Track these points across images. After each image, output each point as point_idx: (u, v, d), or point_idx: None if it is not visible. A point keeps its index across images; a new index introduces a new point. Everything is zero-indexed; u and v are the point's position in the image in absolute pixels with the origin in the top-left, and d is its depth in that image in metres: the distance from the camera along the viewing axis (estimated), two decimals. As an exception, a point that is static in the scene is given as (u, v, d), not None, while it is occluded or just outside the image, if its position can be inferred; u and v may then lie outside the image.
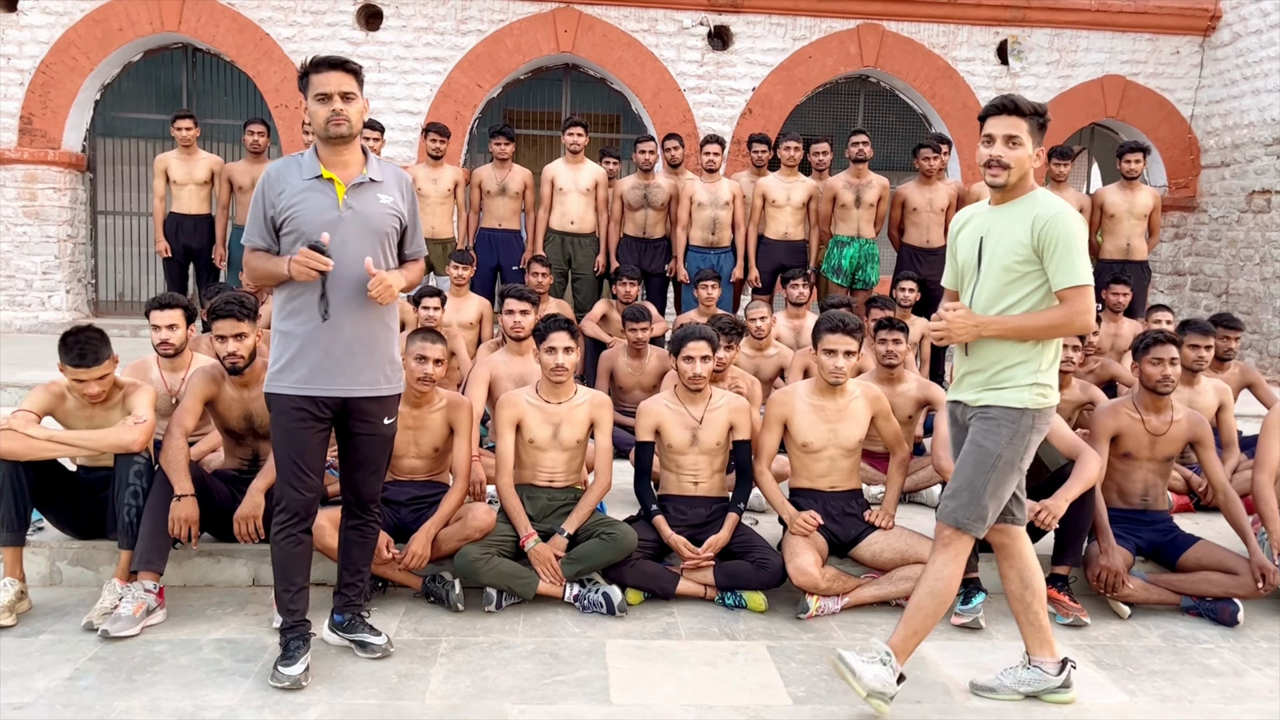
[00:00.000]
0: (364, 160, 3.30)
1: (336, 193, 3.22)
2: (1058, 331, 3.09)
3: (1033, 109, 3.08)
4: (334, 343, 3.23)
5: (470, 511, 4.06)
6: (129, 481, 3.83)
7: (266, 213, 3.22)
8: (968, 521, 3.16)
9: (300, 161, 3.26)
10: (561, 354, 4.23)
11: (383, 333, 3.35)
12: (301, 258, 3.08)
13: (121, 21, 10.02)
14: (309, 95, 3.18)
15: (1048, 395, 3.14)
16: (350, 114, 3.17)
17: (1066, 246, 3.03)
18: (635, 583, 4.10)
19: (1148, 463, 4.41)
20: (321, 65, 3.16)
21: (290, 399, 3.23)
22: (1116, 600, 4.17)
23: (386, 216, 3.31)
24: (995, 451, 3.12)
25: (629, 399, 6.43)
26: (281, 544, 3.33)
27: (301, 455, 3.27)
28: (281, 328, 3.26)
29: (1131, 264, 7.89)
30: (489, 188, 7.97)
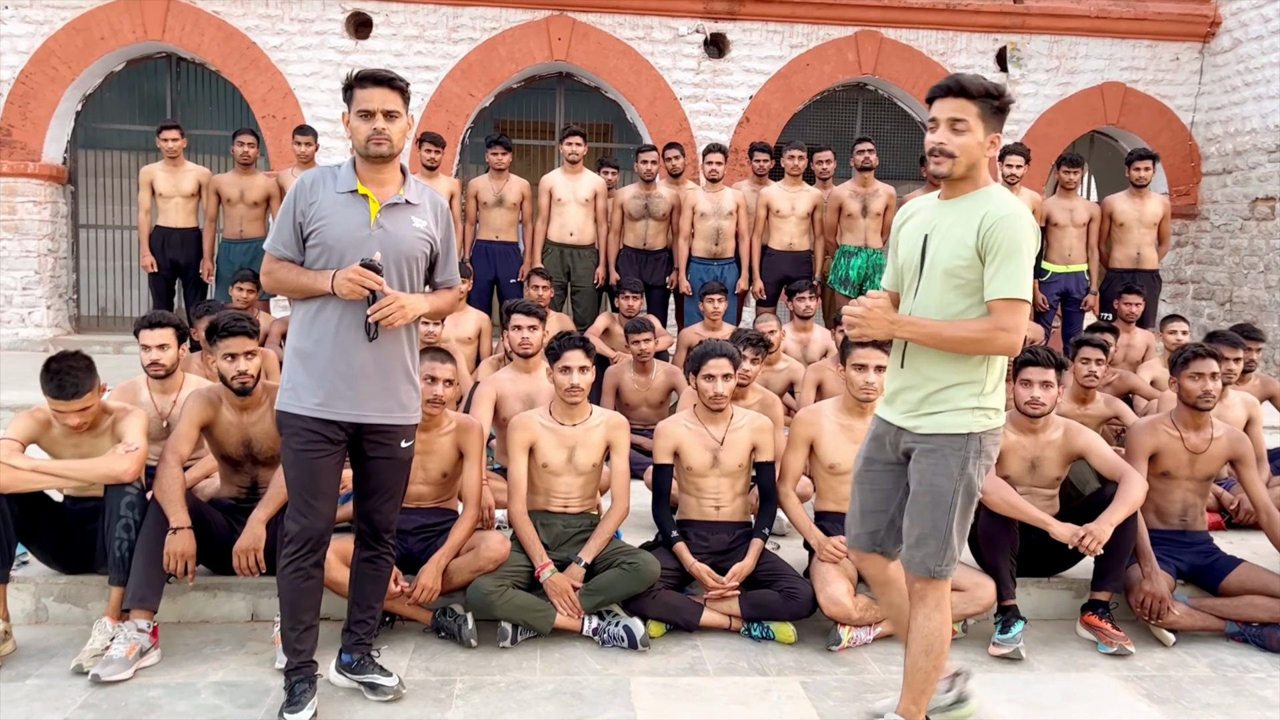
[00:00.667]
0: (402, 180, 3.14)
1: (370, 210, 3.06)
2: (975, 346, 2.73)
3: (984, 90, 2.74)
4: (350, 365, 3.04)
5: (483, 541, 3.84)
6: (120, 513, 3.60)
7: (296, 221, 3.06)
8: (940, 568, 2.87)
9: (336, 173, 3.11)
10: (577, 373, 4.02)
11: (405, 355, 3.18)
12: (355, 275, 2.92)
13: (103, 30, 9.76)
14: (351, 109, 3.03)
15: (993, 417, 2.84)
16: (393, 133, 3.02)
17: (1010, 253, 2.68)
18: (657, 614, 3.89)
19: (1187, 481, 4.24)
20: (366, 80, 3.02)
21: (305, 420, 3.04)
22: (1160, 627, 3.99)
23: (417, 240, 3.14)
24: (950, 489, 2.81)
25: (636, 415, 6.24)
26: (290, 578, 3.11)
27: (315, 481, 3.07)
28: (300, 345, 3.08)
29: (1142, 273, 7.75)
30: (485, 199, 7.76)
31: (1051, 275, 7.87)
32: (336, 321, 3.03)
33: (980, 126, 2.75)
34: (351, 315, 3.02)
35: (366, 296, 2.94)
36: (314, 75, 10.06)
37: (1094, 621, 3.96)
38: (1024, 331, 2.72)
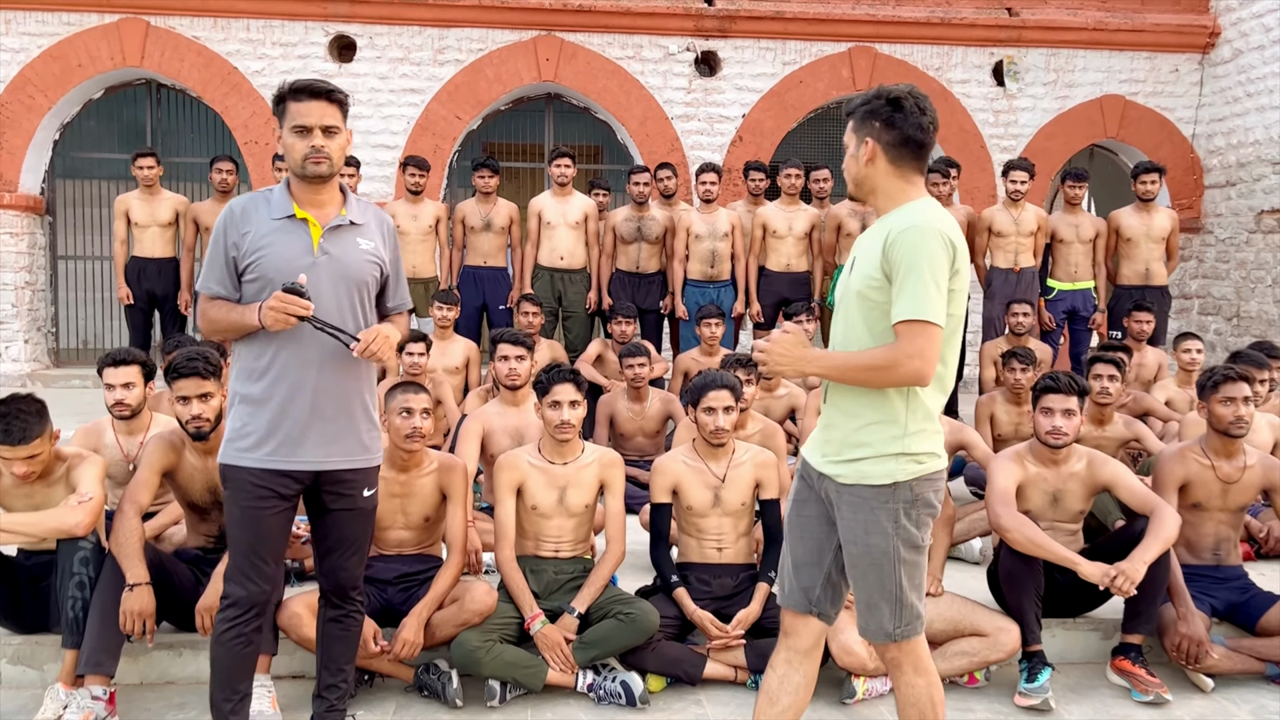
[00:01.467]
0: (343, 200, 2.87)
1: (311, 235, 2.79)
2: (879, 377, 2.42)
3: (858, 103, 2.56)
4: (302, 407, 2.77)
5: (468, 592, 3.56)
6: (73, 570, 3.33)
7: (228, 254, 2.78)
8: (902, 631, 2.58)
9: (269, 198, 2.83)
10: (567, 409, 3.75)
11: (363, 393, 2.91)
12: (277, 302, 2.65)
13: (81, 57, 9.54)
14: (285, 125, 2.76)
15: (925, 462, 2.50)
16: (332, 150, 2.75)
17: (910, 269, 2.38)
18: (657, 668, 3.62)
19: (1219, 513, 3.99)
20: (302, 93, 2.74)
21: (254, 474, 2.76)
22: (1198, 671, 3.72)
23: (366, 264, 2.88)
24: (887, 546, 2.50)
25: (631, 446, 5.99)
26: (229, 644, 2.83)
27: (263, 541, 2.80)
28: (245, 390, 2.81)
29: (1151, 289, 7.52)
30: (473, 223, 7.52)
31: (1058, 293, 7.64)
32: (287, 360, 2.76)
33: (853, 140, 2.58)
34: (305, 352, 2.76)
35: (296, 324, 2.67)
36: (297, 100, 9.83)
37: (1126, 667, 3.69)
38: (932, 358, 2.39)
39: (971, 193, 10.26)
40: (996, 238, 7.48)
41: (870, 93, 2.55)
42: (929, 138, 2.51)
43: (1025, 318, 6.74)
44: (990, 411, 5.69)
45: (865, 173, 2.56)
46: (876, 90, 2.54)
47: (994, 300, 7.40)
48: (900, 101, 2.49)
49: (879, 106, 2.50)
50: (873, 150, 2.51)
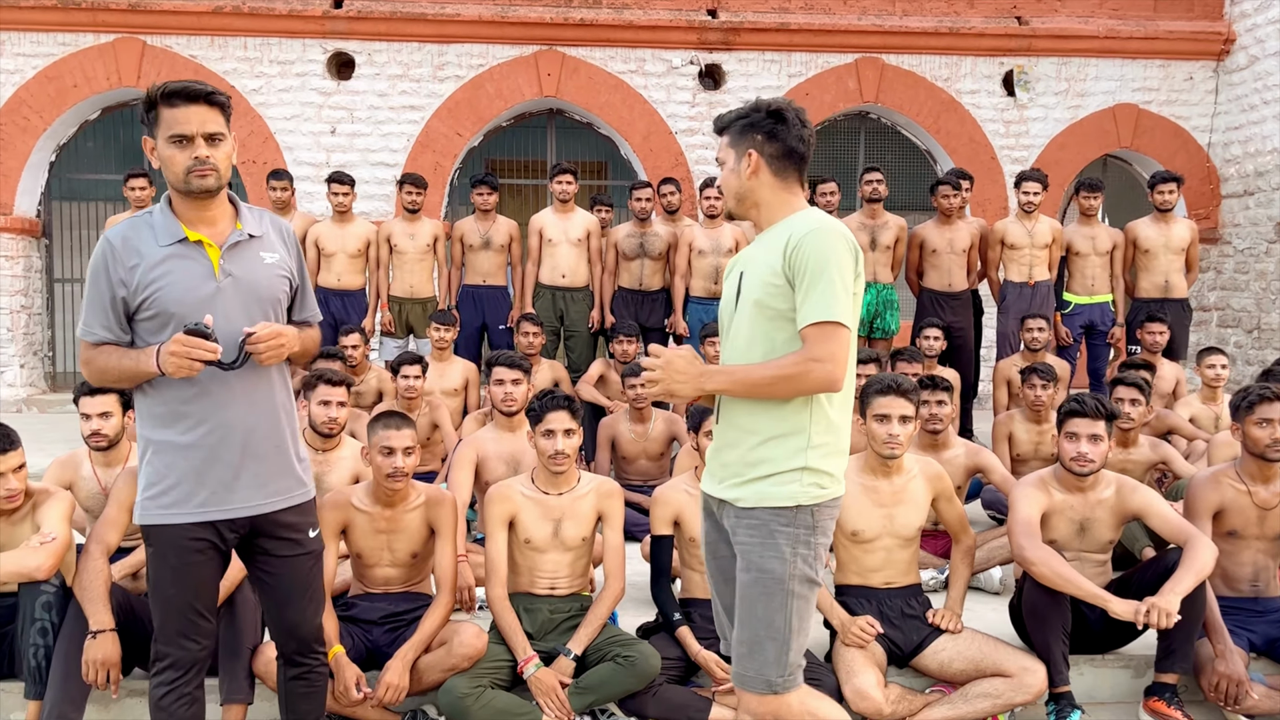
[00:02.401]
0: (234, 213, 2.60)
1: (210, 258, 2.51)
2: (788, 385, 2.31)
3: (724, 121, 2.51)
4: (229, 449, 2.52)
5: (456, 635, 3.35)
6: (35, 616, 3.15)
7: (114, 293, 2.47)
8: (782, 679, 2.38)
9: (151, 223, 2.52)
10: (561, 438, 3.55)
11: (287, 423, 2.65)
12: (179, 347, 2.38)
13: (76, 78, 9.43)
14: (159, 135, 2.45)
15: (827, 485, 2.39)
16: (218, 159, 2.47)
17: (818, 272, 2.30)
18: (659, 714, 3.39)
19: (1256, 541, 3.75)
20: (177, 96, 2.43)
21: (185, 529, 2.51)
22: (1236, 713, 3.48)
23: (275, 279, 2.62)
24: (783, 574, 2.35)
25: (634, 469, 5.79)
26: (172, 709, 2.58)
27: (199, 598, 2.57)
28: (161, 438, 2.53)
29: (1170, 302, 7.28)
30: (471, 241, 7.33)
31: (1075, 307, 7.40)
32: (206, 402, 2.50)
33: (732, 155, 2.49)
34: (225, 389, 2.51)
35: (201, 369, 2.42)
36: (295, 118, 9.71)
37: (1161, 709, 3.45)
38: (843, 362, 2.32)
39: (983, 205, 10.06)
40: (1010, 251, 7.26)
41: (748, 106, 2.49)
42: (809, 150, 2.47)
43: (1041, 333, 6.52)
44: (1009, 430, 5.46)
45: (748, 186, 2.48)
46: (754, 103, 2.48)
47: (1008, 315, 7.17)
48: (782, 113, 2.43)
49: (760, 119, 2.44)
50: (756, 163, 2.45)
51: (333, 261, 7.17)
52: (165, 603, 2.58)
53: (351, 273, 7.23)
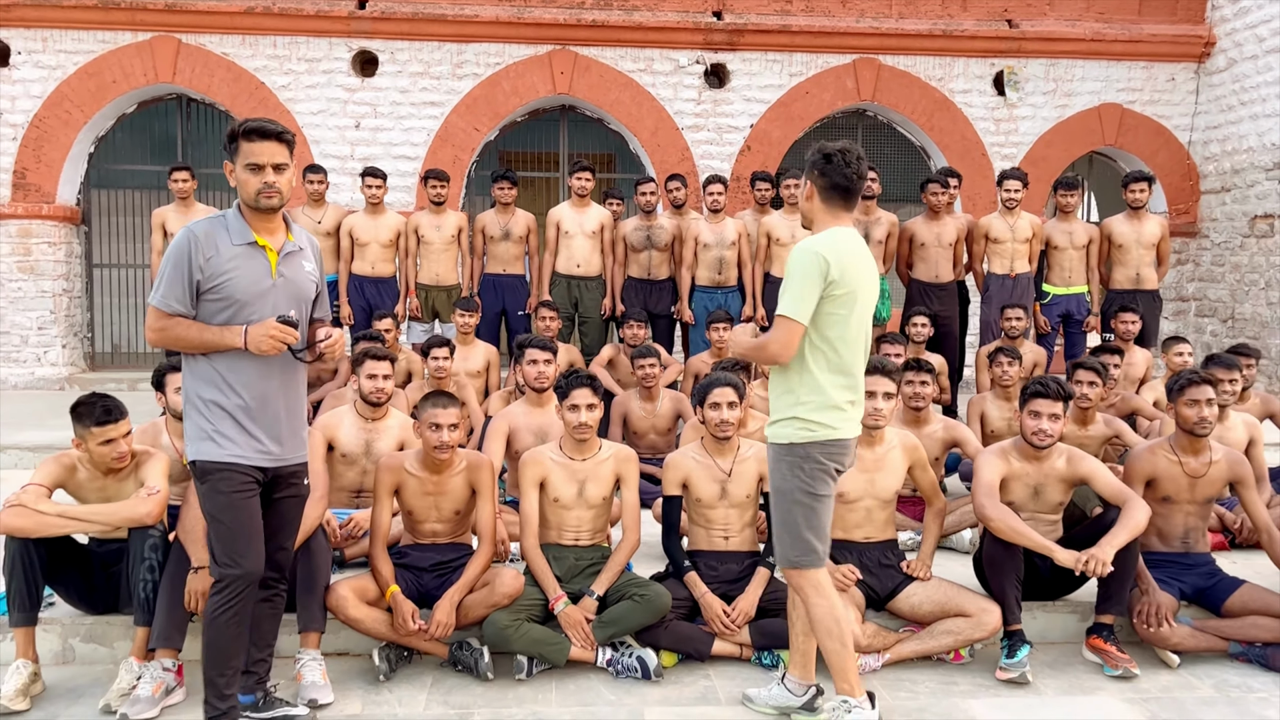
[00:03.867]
0: (286, 226, 3.23)
1: (270, 261, 3.14)
2: (757, 355, 3.28)
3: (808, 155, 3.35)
4: (265, 414, 3.15)
5: (497, 577, 3.93)
6: (144, 556, 3.70)
7: (193, 276, 3.05)
8: (799, 558, 3.29)
9: (227, 225, 3.13)
10: (585, 411, 4.11)
11: (303, 399, 3.35)
12: (277, 332, 3.03)
13: (115, 74, 9.96)
14: (238, 162, 3.08)
15: (814, 430, 3.23)
16: (282, 185, 3.09)
17: (789, 276, 3.21)
18: (669, 645, 3.97)
19: (1188, 505, 4.32)
20: (254, 134, 3.06)
21: (239, 468, 3.09)
22: (1165, 649, 4.06)
23: (310, 284, 3.28)
24: (786, 489, 3.28)
25: (644, 444, 6.33)
26: (228, 624, 3.11)
27: (252, 523, 3.14)
28: (209, 396, 3.10)
29: (1142, 293, 7.82)
30: (492, 233, 7.88)
31: (1053, 297, 7.95)
32: (255, 373, 3.10)
33: (806, 184, 3.32)
34: (269, 365, 3.11)
35: (284, 351, 3.06)
36: (322, 113, 10.24)
37: (1099, 645, 4.03)
38: (789, 346, 3.19)
39: (974, 199, 10.58)
40: (993, 244, 7.79)
41: (815, 147, 3.30)
42: (854, 184, 3.26)
43: (1019, 321, 7.06)
44: (981, 409, 6.03)
45: (805, 207, 3.38)
46: (819, 146, 3.29)
47: (990, 305, 7.71)
48: (830, 156, 3.24)
49: (816, 159, 3.28)
50: (810, 190, 3.32)
51: (366, 250, 7.73)
52: (223, 530, 3.09)
53: (383, 261, 7.79)
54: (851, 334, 3.26)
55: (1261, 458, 5.31)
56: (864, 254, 3.31)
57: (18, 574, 3.64)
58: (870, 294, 3.31)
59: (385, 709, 3.61)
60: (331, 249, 7.75)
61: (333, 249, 7.75)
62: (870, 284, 3.29)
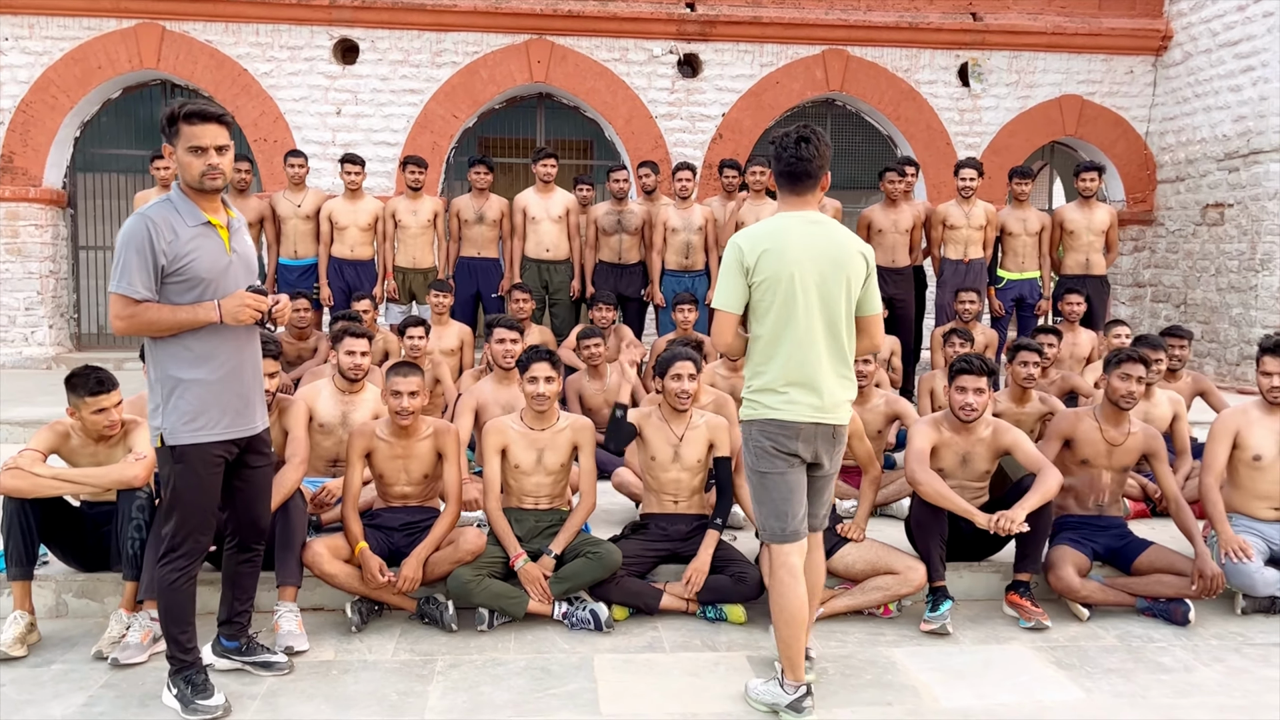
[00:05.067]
0: (224, 204, 3.38)
1: (222, 238, 3.31)
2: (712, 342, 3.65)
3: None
4: (241, 383, 3.37)
5: (461, 535, 4.25)
6: (132, 515, 3.97)
7: (157, 261, 3.16)
8: (760, 530, 3.54)
9: (177, 208, 3.24)
10: (543, 383, 4.42)
11: (261, 368, 3.54)
12: (253, 301, 3.24)
13: (100, 60, 10.17)
14: (179, 145, 3.18)
15: (754, 408, 3.38)
16: (225, 166, 3.22)
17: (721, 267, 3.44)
18: (621, 599, 4.30)
19: (1105, 470, 4.66)
20: (195, 117, 3.16)
21: (214, 447, 3.30)
22: (1075, 603, 4.41)
23: (254, 257, 3.51)
24: (746, 462, 3.48)
25: (600, 419, 6.63)
26: (182, 588, 3.35)
27: (214, 500, 3.39)
28: (187, 376, 3.25)
29: (1090, 278, 8.18)
30: (467, 217, 8.17)
31: (1007, 282, 8.29)
32: (227, 346, 3.30)
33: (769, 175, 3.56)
34: (238, 337, 3.33)
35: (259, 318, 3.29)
36: (303, 100, 10.48)
37: (1016, 600, 4.38)
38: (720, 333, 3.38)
39: (939, 187, 10.92)
40: (949, 231, 8.13)
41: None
42: (795, 168, 3.36)
43: (972, 304, 7.40)
44: (930, 386, 6.38)
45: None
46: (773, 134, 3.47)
47: (945, 289, 8.05)
48: (775, 143, 3.43)
49: (770, 148, 3.46)
50: (768, 179, 3.41)
51: (345, 234, 8.01)
52: (189, 507, 3.31)
53: (362, 244, 8.08)
54: (791, 318, 3.27)
55: (1184, 432, 5.67)
56: (805, 239, 3.28)
57: (15, 532, 3.93)
58: (822, 277, 3.27)
59: (356, 655, 3.92)
60: (311, 232, 8.04)
61: (313, 232, 8.04)
62: (819, 267, 3.27)
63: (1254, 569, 4.35)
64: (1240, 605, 4.47)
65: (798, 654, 3.40)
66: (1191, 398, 6.37)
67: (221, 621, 3.74)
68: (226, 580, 3.74)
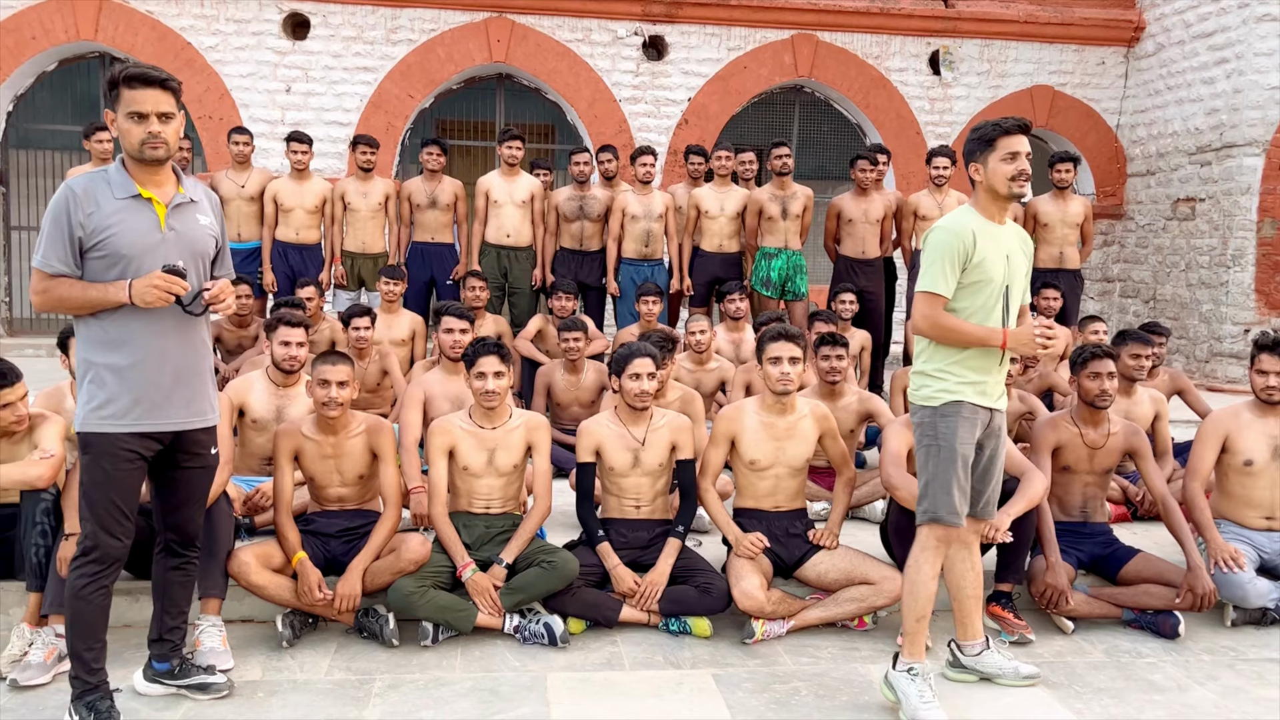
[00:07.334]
0: (177, 179, 3.10)
1: (157, 213, 3.01)
2: None
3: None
4: (163, 373, 3.02)
5: (404, 543, 3.90)
6: (36, 520, 3.62)
7: (74, 233, 2.91)
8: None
9: (109, 179, 2.99)
10: (492, 379, 4.08)
11: (206, 358, 3.19)
12: (161, 281, 2.88)
13: (35, 30, 9.65)
14: (120, 110, 2.92)
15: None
16: (168, 135, 2.95)
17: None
18: (577, 611, 3.98)
19: (1087, 475, 4.42)
20: (136, 80, 2.90)
21: (119, 438, 2.99)
22: (1060, 615, 4.16)
23: (206, 238, 3.13)
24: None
25: (566, 415, 6.32)
26: (91, 597, 3.03)
27: (125, 499, 3.04)
28: (100, 360, 2.98)
29: (1064, 272, 7.97)
30: (419, 200, 7.79)
31: (978, 275, 8.05)
32: (148, 330, 2.98)
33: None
34: (162, 322, 3.00)
35: (171, 302, 2.92)
36: (251, 76, 10.03)
37: (998, 612, 4.12)
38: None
39: (908, 177, 10.70)
40: (921, 221, 7.86)
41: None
42: None
43: (943, 297, 7.14)
44: (903, 383, 6.10)
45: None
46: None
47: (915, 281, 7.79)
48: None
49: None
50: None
51: (290, 217, 7.60)
52: (97, 503, 3.00)
53: (308, 228, 7.67)
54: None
55: (1166, 432, 5.45)
56: None
57: (-96, 537, 3.55)
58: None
59: (286, 675, 3.58)
60: (255, 214, 7.62)
61: (257, 214, 7.62)
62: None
63: (1246, 579, 4.12)
64: (1230, 617, 4.25)
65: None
66: (1169, 396, 6.16)
67: (151, 640, 3.38)
68: (156, 591, 3.38)
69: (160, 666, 3.36)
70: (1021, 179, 3.24)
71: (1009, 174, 3.24)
